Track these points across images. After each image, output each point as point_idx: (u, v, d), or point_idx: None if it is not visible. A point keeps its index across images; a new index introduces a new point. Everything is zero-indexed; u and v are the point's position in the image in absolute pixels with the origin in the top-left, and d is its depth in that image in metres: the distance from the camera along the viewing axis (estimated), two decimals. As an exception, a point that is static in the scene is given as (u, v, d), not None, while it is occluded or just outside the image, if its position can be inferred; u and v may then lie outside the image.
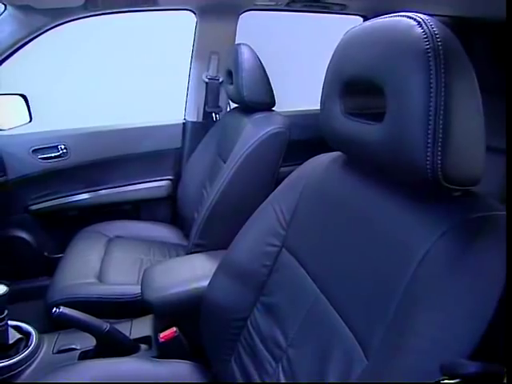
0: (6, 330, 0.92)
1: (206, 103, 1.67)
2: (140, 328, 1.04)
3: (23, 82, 1.73)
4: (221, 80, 1.64)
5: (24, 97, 1.64)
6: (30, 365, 0.93)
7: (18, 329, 0.97)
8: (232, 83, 1.35)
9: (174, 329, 0.90)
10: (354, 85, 0.59)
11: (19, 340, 0.96)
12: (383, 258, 0.52)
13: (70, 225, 1.61)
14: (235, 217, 1.15)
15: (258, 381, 0.71)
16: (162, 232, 1.56)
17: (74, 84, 2.18)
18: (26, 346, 0.95)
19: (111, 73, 2.21)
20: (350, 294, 0.56)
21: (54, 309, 0.88)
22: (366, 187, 0.61)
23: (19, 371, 0.90)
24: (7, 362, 0.89)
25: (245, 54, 1.28)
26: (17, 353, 0.93)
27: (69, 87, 2.17)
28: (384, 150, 0.51)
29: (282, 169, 1.26)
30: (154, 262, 1.32)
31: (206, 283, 0.89)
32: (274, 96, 1.31)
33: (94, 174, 1.63)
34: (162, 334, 0.90)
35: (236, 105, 1.50)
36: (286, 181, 0.82)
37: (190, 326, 0.94)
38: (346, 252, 0.60)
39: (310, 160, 0.81)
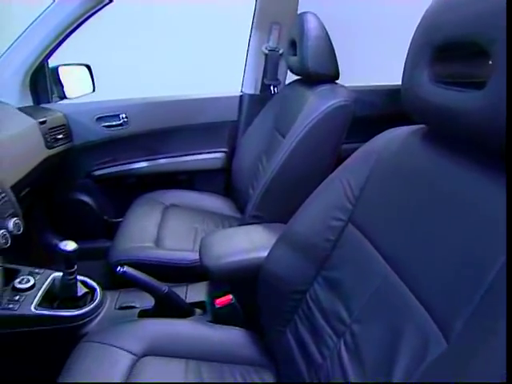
0: (76, 284, 0.99)
1: (264, 76, 1.64)
2: (195, 293, 1.08)
3: (88, 52, 1.79)
4: (281, 52, 1.59)
5: (88, 67, 1.70)
6: (95, 317, 0.99)
7: (84, 283, 1.04)
8: (295, 54, 1.30)
9: (230, 296, 0.92)
10: (448, 50, 0.54)
11: (86, 294, 1.02)
12: (472, 238, 0.48)
13: (128, 191, 1.68)
14: (294, 191, 1.14)
15: (316, 353, 0.70)
16: (216, 203, 1.59)
17: (135, 55, 2.23)
18: (92, 300, 1.01)
19: (171, 44, 2.23)
20: (429, 274, 0.53)
21: (119, 267, 0.93)
22: (452, 161, 0.57)
23: (87, 321, 0.97)
24: (77, 312, 0.96)
25: (311, 22, 1.23)
26: (84, 305, 0.99)
27: (130, 58, 2.22)
28: (483, 118, 0.47)
29: (343, 146, 1.22)
30: (208, 232, 1.35)
31: (263, 254, 0.89)
32: (338, 68, 1.26)
33: (153, 143, 1.68)
34: (218, 300, 0.92)
35: (296, 78, 1.46)
36: (355, 154, 0.79)
37: (245, 295, 0.95)
38: (425, 229, 0.56)
39: (382, 134, 0.77)
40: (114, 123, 1.62)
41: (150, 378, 0.79)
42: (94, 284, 1.05)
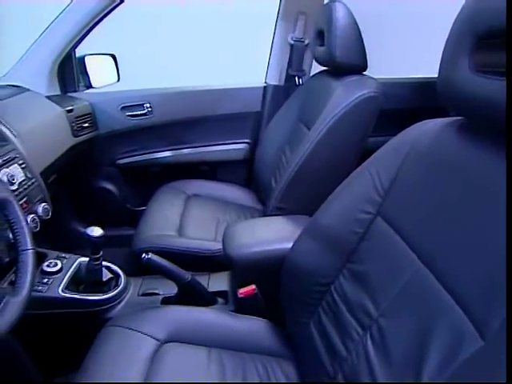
0: (101, 269, 1.01)
1: (289, 66, 1.62)
2: (216, 282, 1.08)
3: (113, 42, 1.80)
4: (306, 42, 1.57)
5: (114, 57, 1.72)
6: (119, 302, 1.01)
7: (109, 269, 1.06)
8: (322, 44, 1.28)
9: (253, 286, 0.92)
10: (493, 37, 0.52)
11: (110, 279, 1.04)
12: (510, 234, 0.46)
13: (151, 180, 1.69)
14: (318, 183, 1.13)
15: (340, 345, 0.69)
16: (237, 194, 1.59)
17: (159, 46, 2.24)
18: (116, 285, 1.03)
19: (196, 34, 2.22)
20: (463, 270, 0.52)
21: (144, 254, 0.94)
22: (491, 154, 0.55)
23: (111, 306, 0.99)
24: (102, 297, 0.98)
25: (339, 11, 1.20)
26: (109, 290, 1.01)
27: (154, 49, 2.23)
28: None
29: (369, 139, 1.19)
30: (229, 223, 1.35)
31: (287, 245, 0.89)
32: (366, 59, 1.23)
33: (176, 133, 1.69)
34: (241, 290, 0.92)
35: (322, 69, 1.43)
36: (386, 146, 0.77)
37: (268, 286, 0.95)
38: (460, 224, 0.54)
39: (415, 126, 0.75)
40: (138, 112, 1.63)
41: (173, 364, 0.80)
42: (119, 270, 1.07)
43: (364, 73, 1.27)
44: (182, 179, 1.62)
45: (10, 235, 0.85)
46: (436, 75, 0.63)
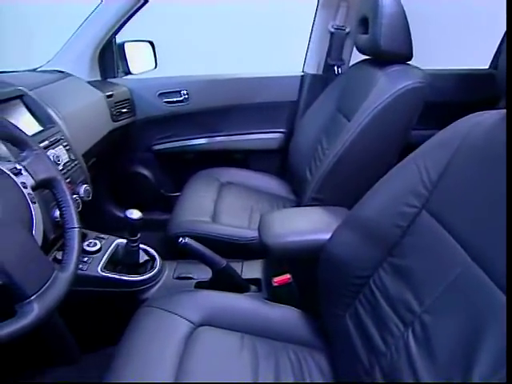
0: (138, 251, 1.03)
1: (328, 55, 1.59)
2: (250, 270, 1.08)
3: (151, 29, 1.82)
4: (347, 30, 1.53)
5: (152, 44, 1.74)
6: (155, 284, 1.03)
7: (145, 252, 1.08)
8: (365, 32, 1.24)
9: (288, 275, 0.91)
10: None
11: (147, 261, 1.06)
12: None
13: (185, 167, 1.72)
14: (357, 175, 1.11)
15: (378, 340, 0.68)
16: (270, 184, 1.58)
17: (197, 33, 2.24)
18: (152, 268, 1.05)
19: (232, 22, 2.21)
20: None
21: (181, 239, 0.95)
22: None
23: (147, 288, 1.01)
24: (139, 278, 1.00)
25: (386, -2, 1.15)
26: (144, 272, 1.03)
27: (192, 35, 2.24)
28: None
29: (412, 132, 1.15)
30: (263, 212, 1.35)
31: (324, 236, 0.87)
32: (412, 48, 1.18)
33: (212, 120, 1.69)
34: (275, 279, 0.92)
35: (362, 58, 1.39)
36: (433, 139, 0.74)
37: (303, 275, 0.94)
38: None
39: (467, 118, 0.71)
40: (175, 99, 1.65)
41: (206, 347, 0.81)
42: (154, 253, 1.09)
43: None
44: (216, 167, 1.62)
45: (56, 213, 0.89)
46: (481, 67, 0.60)
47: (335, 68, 1.58)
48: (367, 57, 1.35)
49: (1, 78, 1.12)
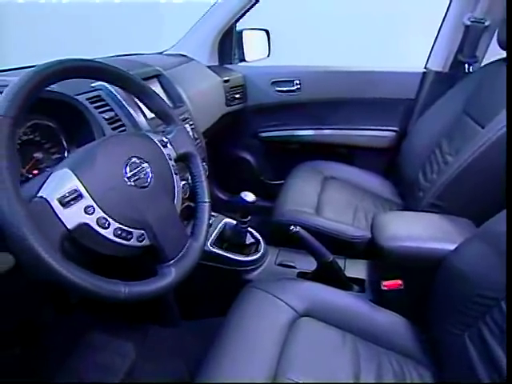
0: (246, 232, 1.06)
1: (458, 51, 1.45)
2: (353, 269, 1.05)
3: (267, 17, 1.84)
4: (487, 23, 1.37)
5: (267, 32, 1.76)
6: (258, 267, 1.06)
7: (251, 234, 1.11)
8: (514, 26, 1.10)
9: (400, 281, 0.87)
10: None
11: (252, 244, 1.10)
12: None
13: (288, 156, 1.72)
14: (485, 186, 1.00)
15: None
16: (375, 183, 1.51)
17: (313, 23, 2.23)
18: (256, 251, 1.08)
19: (351, 13, 2.15)
20: None
21: (292, 227, 0.96)
22: None
23: (251, 269, 1.04)
24: (245, 258, 1.04)
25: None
26: (249, 253, 1.07)
27: (308, 26, 2.23)
28: None
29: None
30: (367, 211, 1.30)
31: (446, 246, 0.82)
32: None
33: (321, 112, 1.67)
34: (385, 283, 0.88)
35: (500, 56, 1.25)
36: None
37: (414, 284, 0.89)
38: None
39: None
40: (287, 88, 1.66)
41: (308, 339, 0.81)
42: (259, 237, 1.12)
43: None
44: (320, 159, 1.60)
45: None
46: None
47: (465, 66, 1.44)
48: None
49: (140, 59, 1.23)
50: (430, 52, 1.56)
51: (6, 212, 0.45)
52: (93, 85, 0.91)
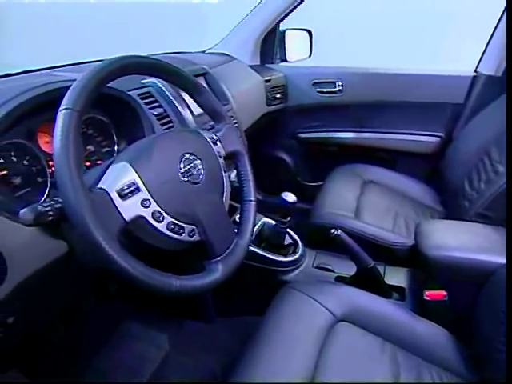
0: (285, 233, 1.06)
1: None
2: (393, 276, 1.03)
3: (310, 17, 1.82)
4: (545, 27, 1.30)
5: (309, 32, 1.74)
6: (296, 268, 1.05)
7: (289, 235, 1.11)
8: None
9: (444, 292, 0.84)
10: None
11: (290, 244, 1.09)
12: None
13: (326, 159, 1.71)
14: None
15: None
16: (415, 189, 1.47)
17: (358, 24, 2.19)
18: (294, 252, 1.07)
19: (398, 15, 2.10)
20: None
21: (333, 230, 0.94)
22: None
23: (288, 270, 1.04)
24: (284, 259, 1.04)
25: None
26: (286, 254, 1.06)
27: (353, 27, 2.20)
28: None
29: None
30: (407, 217, 1.27)
31: (498, 259, 0.78)
32: None
33: (362, 114, 1.64)
34: (428, 293, 0.85)
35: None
36: None
37: (459, 296, 0.86)
38: None
39: None
40: (329, 90, 1.64)
41: (346, 345, 0.80)
42: (297, 238, 1.11)
43: None
44: (359, 163, 1.57)
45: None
46: None
47: (520, 71, 1.37)
48: None
49: (187, 58, 1.25)
50: (482, 55, 1.50)
51: (71, 201, 0.47)
52: (143, 81, 0.94)
